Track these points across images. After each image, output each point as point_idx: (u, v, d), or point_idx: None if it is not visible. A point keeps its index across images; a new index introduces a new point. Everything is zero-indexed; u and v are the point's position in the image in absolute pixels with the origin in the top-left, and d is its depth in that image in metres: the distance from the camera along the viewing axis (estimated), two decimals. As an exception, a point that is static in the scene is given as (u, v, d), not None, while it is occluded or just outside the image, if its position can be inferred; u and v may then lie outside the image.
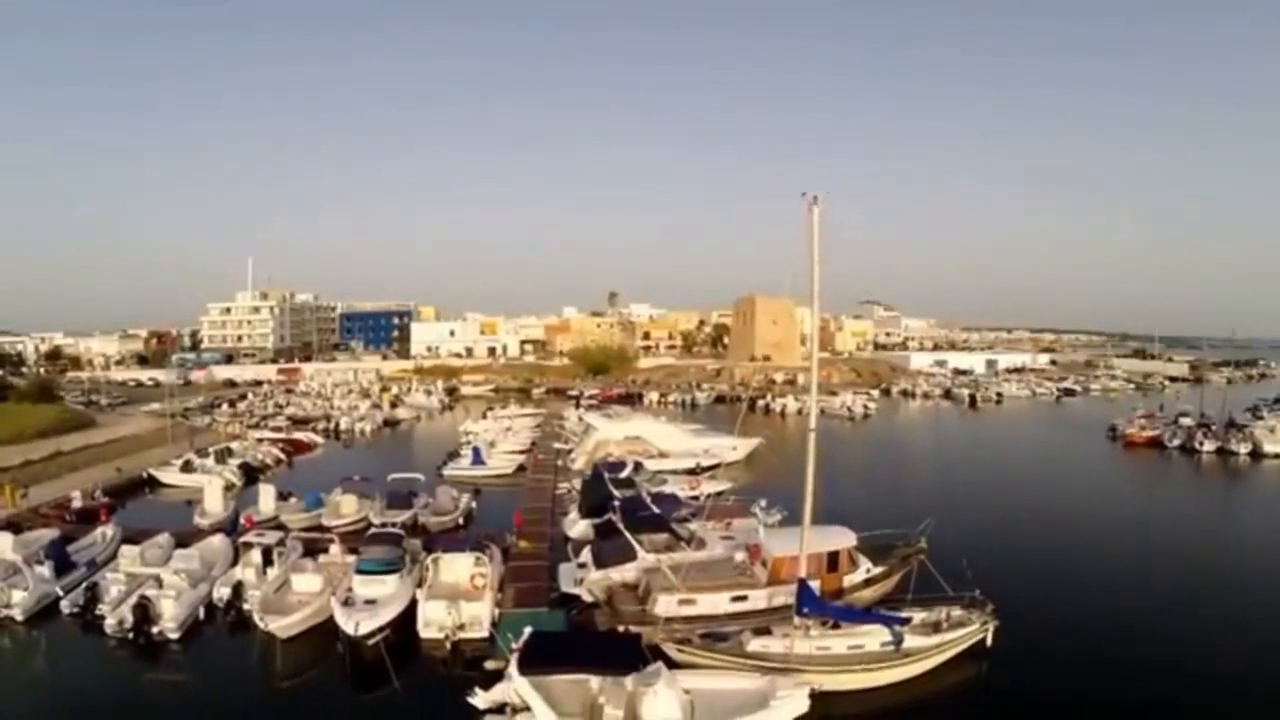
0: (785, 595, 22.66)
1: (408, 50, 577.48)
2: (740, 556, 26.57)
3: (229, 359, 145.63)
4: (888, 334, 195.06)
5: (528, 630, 19.78)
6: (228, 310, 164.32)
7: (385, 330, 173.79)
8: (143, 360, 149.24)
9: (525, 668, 17.76)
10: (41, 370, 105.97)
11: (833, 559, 24.67)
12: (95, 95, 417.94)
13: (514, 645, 18.84)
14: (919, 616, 22.17)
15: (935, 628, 21.99)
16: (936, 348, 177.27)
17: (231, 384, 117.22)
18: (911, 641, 21.08)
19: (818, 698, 18.83)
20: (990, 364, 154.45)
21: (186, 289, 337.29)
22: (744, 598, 23.83)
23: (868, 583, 25.42)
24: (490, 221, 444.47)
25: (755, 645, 20.69)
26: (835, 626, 21.34)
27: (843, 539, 25.48)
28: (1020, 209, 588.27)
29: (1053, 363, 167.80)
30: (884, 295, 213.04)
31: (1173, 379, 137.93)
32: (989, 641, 22.34)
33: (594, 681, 18.58)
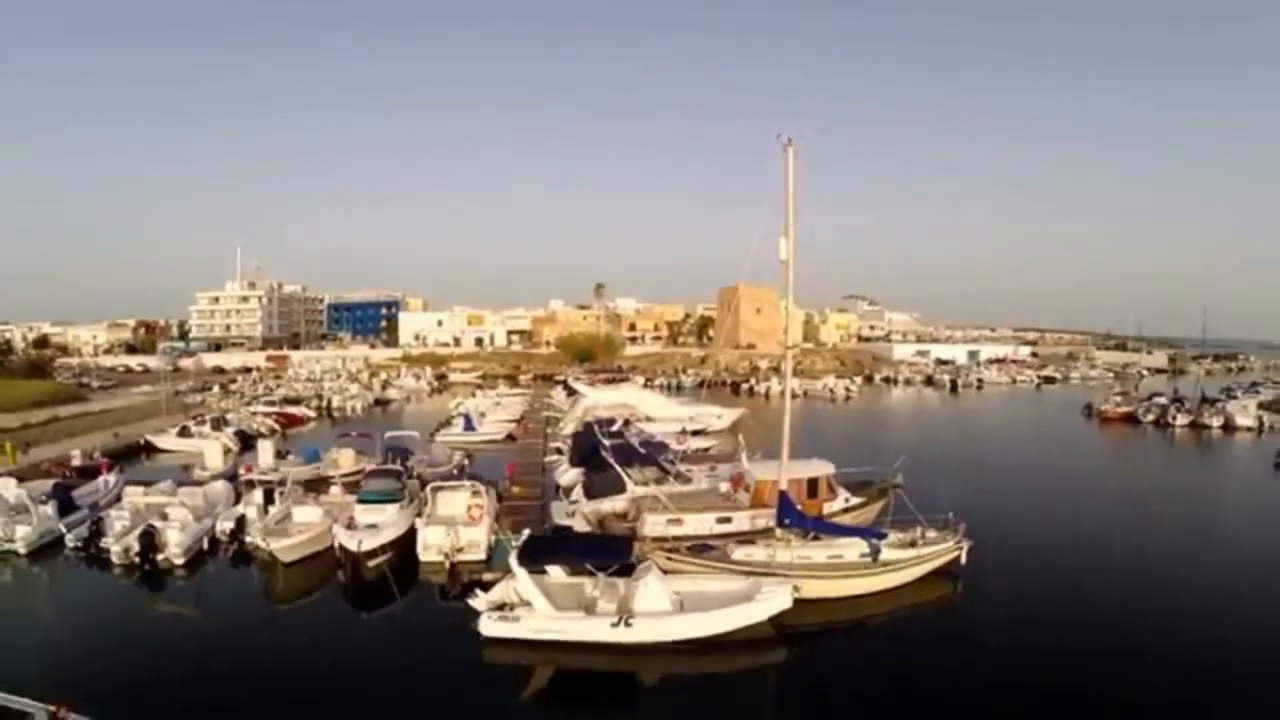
0: (768, 518, 23.75)
1: (396, 46, 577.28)
2: (725, 486, 27.76)
3: (217, 348, 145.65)
4: (871, 327, 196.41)
5: (526, 532, 20.91)
6: (216, 300, 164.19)
7: (373, 320, 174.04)
8: (131, 349, 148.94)
9: (524, 561, 18.88)
10: (31, 355, 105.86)
11: (812, 485, 25.84)
12: (83, 89, 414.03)
13: (514, 543, 19.92)
14: (895, 535, 23.38)
15: (911, 544, 23.21)
16: (919, 341, 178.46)
17: (220, 370, 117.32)
18: (889, 554, 22.24)
19: (799, 604, 20.05)
20: (972, 355, 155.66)
21: (174, 282, 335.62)
22: (728, 519, 24.99)
23: (846, 511, 26.61)
24: (476, 215, 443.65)
25: (740, 554, 21.91)
26: (816, 539, 22.52)
27: (822, 468, 26.76)
28: (1005, 210, 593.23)
29: (1034, 354, 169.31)
30: (868, 293, 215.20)
31: (1154, 370, 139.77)
32: (963, 560, 23.55)
33: (588, 584, 19.75)
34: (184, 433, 48.75)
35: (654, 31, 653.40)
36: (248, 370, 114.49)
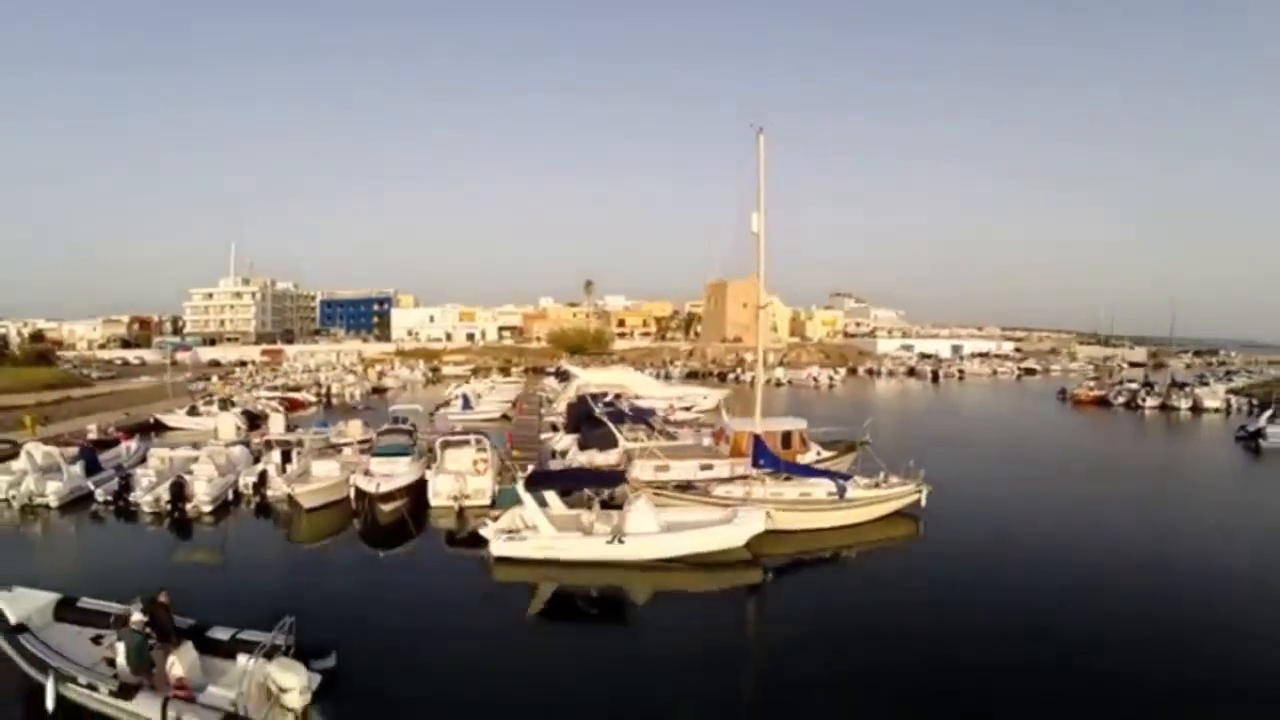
0: (746, 466, 26.14)
1: (388, 45, 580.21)
2: (708, 441, 30.34)
3: (211, 343, 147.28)
4: (857, 324, 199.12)
5: (530, 467, 23.36)
6: (210, 296, 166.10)
7: (366, 316, 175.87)
8: (125, 344, 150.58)
9: (530, 486, 21.35)
10: (31, 347, 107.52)
11: (786, 437, 28.36)
12: (71, 81, 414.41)
13: (520, 475, 22.38)
14: (861, 479, 25.95)
15: (875, 486, 25.76)
16: (904, 336, 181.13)
17: (216, 364, 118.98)
18: (854, 494, 24.80)
19: (774, 535, 22.59)
20: (956, 349, 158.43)
21: (166, 280, 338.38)
22: (710, 466, 27.36)
23: (818, 462, 29.01)
24: (468, 214, 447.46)
25: (719, 491, 24.52)
26: (787, 479, 25.04)
27: (795, 423, 29.45)
28: (994, 213, 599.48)
29: (1017, 350, 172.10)
30: (855, 293, 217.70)
31: (1133, 364, 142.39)
32: (923, 502, 26.06)
33: (584, 514, 22.23)
34: (193, 412, 50.79)
35: (645, 27, 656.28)
36: (243, 364, 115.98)
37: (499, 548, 20.89)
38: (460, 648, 16.56)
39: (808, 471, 25.52)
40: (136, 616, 13.06)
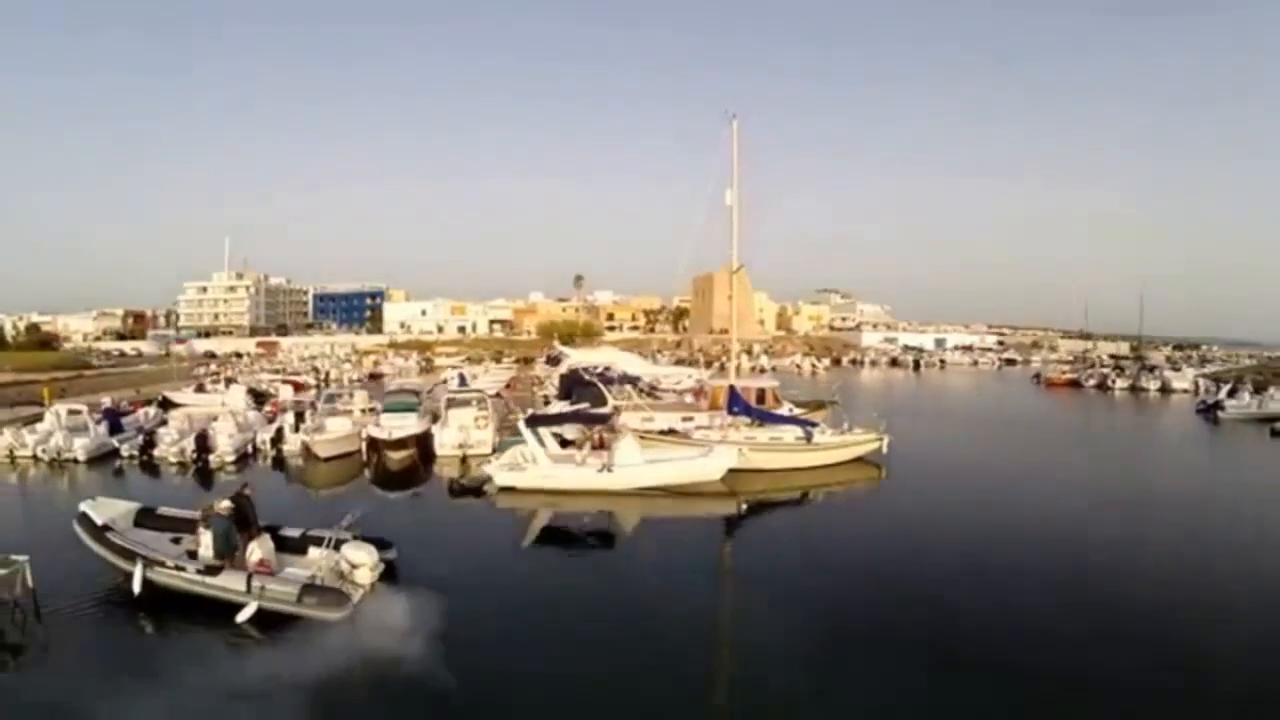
0: (723, 417, 28.90)
1: (379, 42, 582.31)
2: (689, 398, 33.05)
3: (206, 335, 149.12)
4: (843, 319, 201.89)
5: (529, 410, 25.94)
6: (204, 290, 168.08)
7: (358, 310, 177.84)
8: (121, 337, 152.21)
9: (529, 425, 23.96)
10: (35, 334, 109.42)
11: (760, 394, 31.10)
12: (64, 78, 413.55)
13: (520, 417, 24.98)
14: (827, 428, 28.66)
15: (840, 434, 28.45)
16: (889, 329, 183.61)
17: (212, 355, 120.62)
18: (820, 438, 27.52)
19: (748, 473, 25.23)
20: (939, 342, 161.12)
21: (160, 274, 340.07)
22: (690, 418, 30.15)
23: (790, 416, 31.86)
24: (458, 210, 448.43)
25: (698, 435, 27.18)
26: (760, 425, 27.73)
27: (769, 381, 32.30)
28: (982, 212, 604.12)
29: (1000, 343, 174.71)
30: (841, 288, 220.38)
31: (1113, 357, 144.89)
32: (884, 449, 28.67)
33: (577, 454, 24.83)
34: (200, 389, 52.98)
35: (636, 26, 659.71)
36: (239, 355, 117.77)
37: (503, 478, 23.48)
38: (473, 565, 18.56)
39: (778, 419, 28.27)
40: (224, 504, 14.99)
